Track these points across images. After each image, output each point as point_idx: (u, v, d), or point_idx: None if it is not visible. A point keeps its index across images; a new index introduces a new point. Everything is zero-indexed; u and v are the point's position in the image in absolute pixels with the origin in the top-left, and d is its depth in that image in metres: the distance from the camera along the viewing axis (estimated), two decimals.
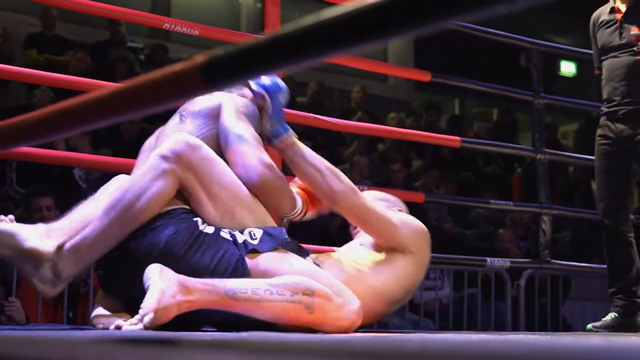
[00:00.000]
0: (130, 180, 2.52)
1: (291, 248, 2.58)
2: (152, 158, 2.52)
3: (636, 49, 3.92)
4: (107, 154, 5.37)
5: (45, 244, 2.44)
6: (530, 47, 4.90)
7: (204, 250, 2.45)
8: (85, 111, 1.37)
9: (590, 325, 3.90)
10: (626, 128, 3.92)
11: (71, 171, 5.33)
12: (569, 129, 11.83)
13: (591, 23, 4.15)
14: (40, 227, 2.49)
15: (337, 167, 2.93)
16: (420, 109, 9.74)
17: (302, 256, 2.63)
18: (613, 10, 4.03)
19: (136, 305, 2.38)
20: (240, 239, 2.49)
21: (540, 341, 2.18)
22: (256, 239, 2.50)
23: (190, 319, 2.35)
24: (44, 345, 1.61)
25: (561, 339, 2.53)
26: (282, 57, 1.10)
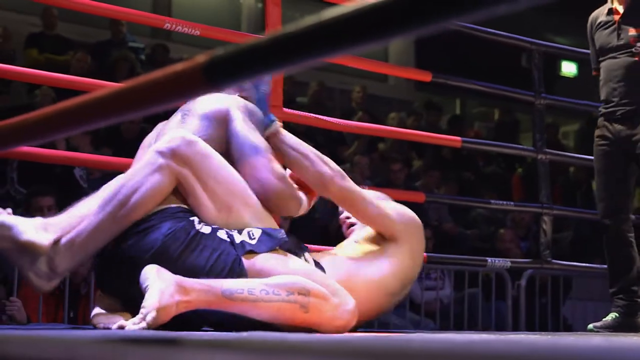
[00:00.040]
0: (126, 176, 2.52)
1: (289, 247, 2.58)
2: (148, 154, 2.52)
3: (634, 50, 3.93)
4: (107, 153, 5.37)
5: (41, 238, 2.44)
6: (531, 48, 4.90)
7: (201, 250, 2.44)
8: (87, 111, 1.37)
9: (591, 326, 3.90)
10: (624, 128, 3.92)
11: (72, 171, 5.33)
12: (570, 129, 11.83)
13: (589, 24, 4.15)
14: (37, 221, 2.50)
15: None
16: (420, 109, 9.74)
17: (301, 252, 2.64)
18: (611, 11, 4.04)
19: (134, 304, 2.38)
20: (237, 239, 2.49)
21: (541, 341, 2.18)
22: (254, 239, 2.50)
23: (187, 319, 2.35)
24: (45, 345, 1.61)
25: (562, 339, 2.53)
26: (284, 57, 1.10)
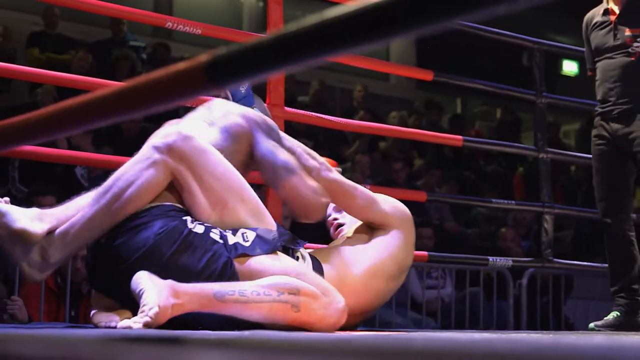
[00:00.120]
0: (122, 170, 2.51)
1: (284, 243, 2.58)
2: (144, 148, 2.52)
3: (631, 50, 3.93)
4: (108, 152, 5.38)
5: (35, 226, 2.45)
6: (533, 47, 4.90)
7: (193, 251, 2.43)
8: (89, 110, 1.37)
9: (592, 324, 3.91)
10: (621, 127, 3.92)
11: (73, 170, 5.33)
12: (571, 128, 11.82)
13: (584, 25, 4.15)
14: (33, 211, 2.50)
15: (339, 166, 2.96)
16: (422, 108, 9.74)
17: (296, 248, 2.64)
18: (607, 11, 4.04)
19: (127, 303, 2.38)
20: (231, 240, 2.48)
21: (543, 340, 2.18)
22: (248, 241, 2.49)
23: (181, 322, 2.35)
24: (47, 344, 1.61)
25: (564, 338, 2.53)
26: (286, 56, 1.10)
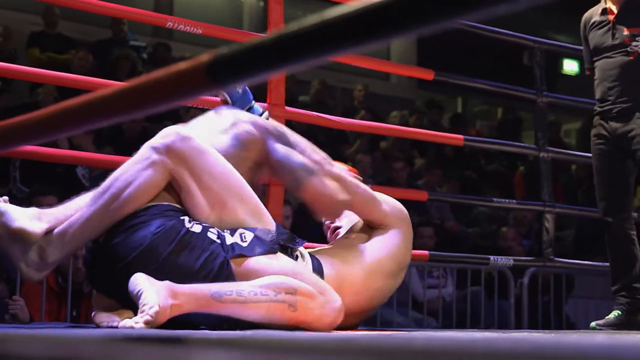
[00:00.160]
0: (120, 170, 2.51)
1: (283, 241, 2.58)
2: (143, 149, 2.52)
3: (629, 49, 3.93)
4: (109, 152, 5.38)
5: (34, 226, 2.45)
6: (533, 46, 4.90)
7: (190, 251, 2.43)
8: (90, 110, 1.37)
9: (593, 323, 3.91)
10: (620, 126, 3.93)
11: (74, 170, 5.34)
12: (572, 127, 11.82)
13: (582, 24, 4.15)
14: (32, 210, 2.51)
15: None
16: (422, 107, 9.74)
17: (295, 246, 2.64)
18: (605, 11, 4.04)
19: (126, 302, 2.38)
20: (229, 240, 2.48)
21: (545, 339, 2.18)
22: (246, 242, 2.49)
23: (179, 323, 2.35)
24: (49, 343, 1.61)
25: (565, 337, 2.53)
26: (287, 56, 1.10)
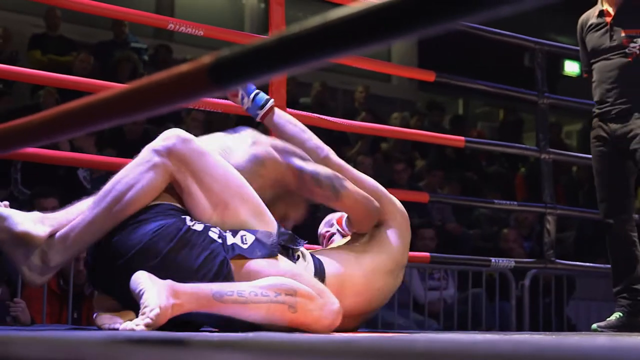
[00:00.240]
0: (122, 173, 2.52)
1: (284, 242, 2.59)
2: (144, 151, 2.53)
3: (627, 51, 3.94)
4: (111, 154, 5.38)
5: (37, 229, 2.45)
6: (534, 47, 4.90)
7: (190, 249, 2.43)
8: (92, 112, 1.37)
9: (595, 325, 3.90)
10: (619, 127, 3.93)
11: (75, 172, 5.34)
12: (573, 128, 11.83)
13: (579, 27, 4.16)
14: (34, 214, 2.51)
15: None
16: (423, 109, 9.74)
17: (296, 247, 2.65)
18: (602, 13, 4.04)
19: (126, 302, 2.38)
20: (230, 240, 2.48)
21: (546, 341, 2.18)
22: (246, 244, 2.49)
23: (180, 323, 2.35)
24: (51, 345, 1.61)
25: (567, 339, 2.53)
26: (289, 57, 1.10)
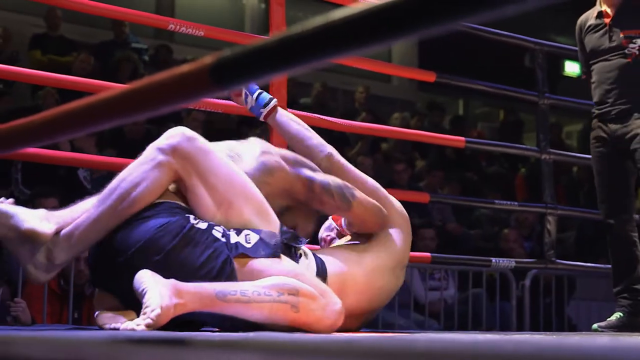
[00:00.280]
0: (127, 171, 2.52)
1: (286, 240, 2.60)
2: (149, 150, 2.53)
3: (627, 52, 3.94)
4: (111, 154, 5.38)
5: (44, 226, 2.45)
6: (535, 48, 4.90)
7: (193, 246, 2.43)
8: (94, 112, 1.38)
9: (595, 325, 3.90)
10: (619, 127, 3.93)
11: (76, 172, 5.34)
12: (573, 129, 11.83)
13: (577, 28, 4.15)
14: (40, 212, 2.51)
15: None
16: (424, 109, 9.74)
17: (298, 245, 2.66)
18: (601, 14, 4.04)
19: (128, 300, 2.38)
20: (233, 239, 2.49)
21: (547, 341, 2.18)
22: (250, 243, 2.50)
23: (182, 322, 2.35)
24: (52, 345, 1.62)
25: (567, 339, 2.53)
26: (291, 58, 1.10)
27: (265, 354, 1.38)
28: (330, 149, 2.92)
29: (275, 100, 2.95)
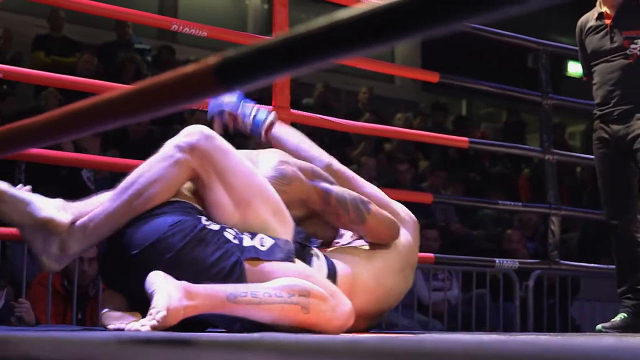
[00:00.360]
0: (144, 167, 2.53)
1: (299, 240, 2.61)
2: (167, 146, 2.53)
3: (628, 52, 3.94)
4: (115, 155, 5.38)
5: (61, 216, 2.46)
6: (538, 48, 4.90)
7: (205, 246, 2.43)
8: (98, 112, 1.38)
9: (599, 326, 3.90)
10: (621, 127, 3.93)
11: (79, 172, 5.34)
12: (577, 129, 11.83)
13: (577, 30, 4.15)
14: (57, 201, 2.51)
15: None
16: (427, 109, 9.74)
17: (309, 246, 2.67)
18: (601, 15, 4.04)
19: (138, 299, 2.38)
20: (246, 242, 2.49)
21: (551, 342, 2.18)
22: (265, 246, 2.50)
23: (191, 322, 2.35)
24: (56, 345, 1.62)
25: (572, 340, 2.53)
26: (295, 58, 1.10)
27: (270, 354, 1.38)
28: (329, 158, 2.93)
29: (270, 116, 2.94)
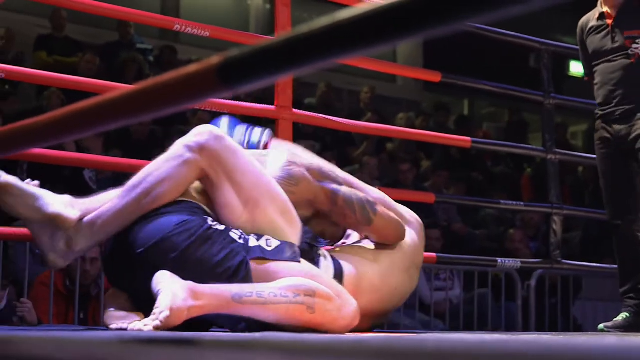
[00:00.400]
0: (153, 166, 2.54)
1: (306, 240, 2.63)
2: (176, 146, 2.54)
3: (630, 52, 3.94)
4: (117, 155, 5.38)
5: (69, 212, 2.46)
6: (540, 48, 4.90)
7: (210, 245, 2.44)
8: (101, 112, 1.38)
9: (601, 326, 3.90)
10: (623, 127, 3.93)
11: (81, 172, 5.34)
12: (579, 129, 11.82)
13: (579, 30, 4.15)
14: (65, 197, 2.52)
15: (346, 168, 3.01)
16: (429, 109, 9.73)
17: (317, 246, 2.68)
18: (603, 15, 4.04)
19: (142, 297, 2.39)
20: (252, 243, 2.50)
21: (553, 341, 2.18)
22: (271, 247, 2.51)
23: (196, 322, 2.36)
24: (58, 345, 1.62)
25: (574, 339, 2.53)
26: (297, 58, 1.10)
27: (273, 354, 1.38)
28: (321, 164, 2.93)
29: (264, 137, 2.93)
